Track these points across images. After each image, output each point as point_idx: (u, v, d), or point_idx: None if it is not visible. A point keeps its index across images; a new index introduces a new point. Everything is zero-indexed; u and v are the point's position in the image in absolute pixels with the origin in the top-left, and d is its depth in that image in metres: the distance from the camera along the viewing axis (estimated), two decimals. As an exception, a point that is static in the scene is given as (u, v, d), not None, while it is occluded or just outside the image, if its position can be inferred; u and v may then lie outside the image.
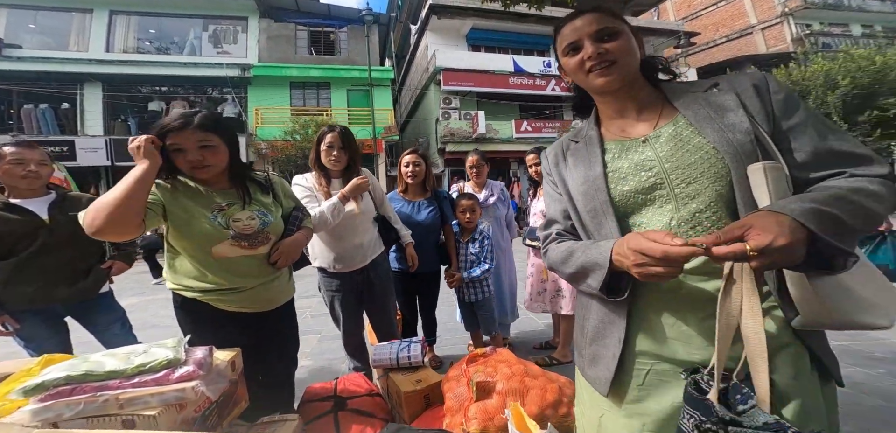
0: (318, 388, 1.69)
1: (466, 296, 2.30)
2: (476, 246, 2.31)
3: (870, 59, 11.27)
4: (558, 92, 15.74)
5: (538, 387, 1.39)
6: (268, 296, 1.39)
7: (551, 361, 2.39)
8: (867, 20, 20.01)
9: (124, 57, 12.36)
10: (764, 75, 0.70)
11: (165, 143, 1.17)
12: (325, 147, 1.83)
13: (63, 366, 0.95)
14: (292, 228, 1.45)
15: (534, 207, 2.55)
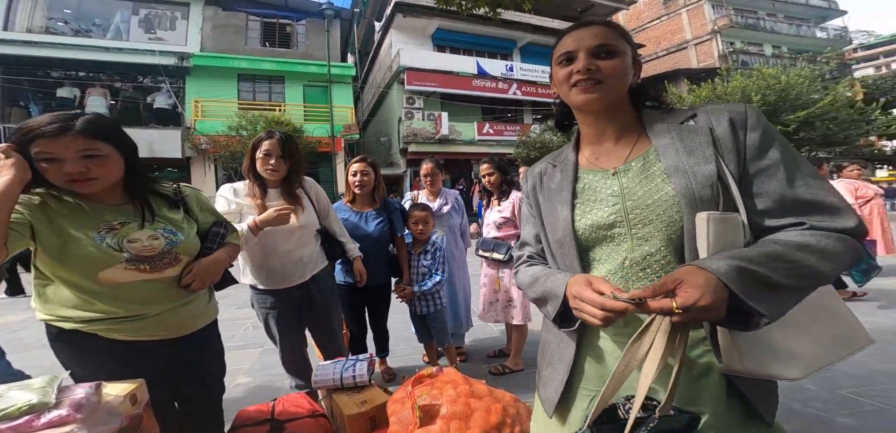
0: (252, 412, 1.57)
1: (418, 309, 2.25)
2: (428, 258, 2.25)
3: (776, 77, 12.72)
4: (520, 96, 16.15)
5: (483, 408, 1.36)
6: (178, 320, 1.21)
7: (504, 370, 2.40)
8: (777, 41, 22.48)
9: (28, 37, 10.92)
10: (744, 109, 0.67)
11: (30, 151, 0.96)
12: (262, 155, 1.67)
13: None
14: (212, 246, 1.29)
15: (487, 218, 2.54)
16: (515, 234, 2.41)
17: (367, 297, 2.26)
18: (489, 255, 2.39)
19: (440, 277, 2.21)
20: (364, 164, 2.19)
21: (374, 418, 1.57)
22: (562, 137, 12.86)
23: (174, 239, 1.16)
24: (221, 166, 11.41)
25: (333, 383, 1.67)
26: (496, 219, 2.42)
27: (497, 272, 2.41)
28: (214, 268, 1.27)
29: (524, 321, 2.36)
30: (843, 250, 0.58)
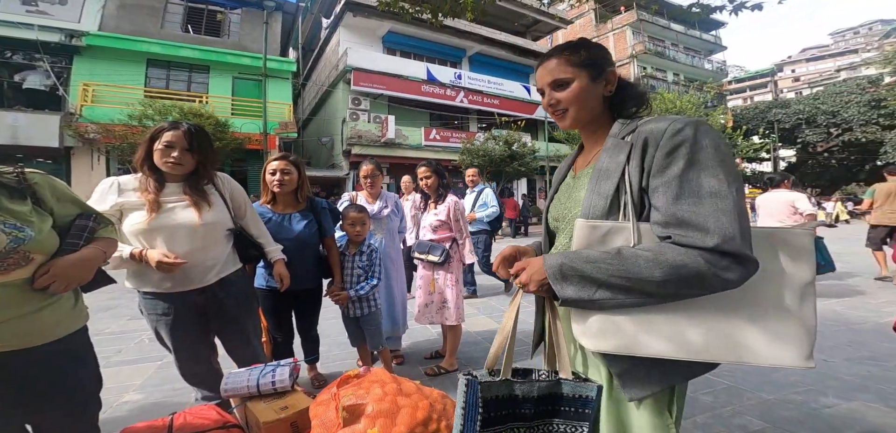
0: (141, 428, 1.36)
1: (351, 312, 2.16)
2: (364, 259, 2.18)
3: (673, 102, 14.71)
4: (466, 104, 16.58)
5: (410, 405, 1.34)
6: (30, 329, 1.02)
7: (439, 370, 2.40)
8: (677, 70, 26.08)
9: None
10: (665, 128, 0.69)
11: None
12: (162, 146, 1.47)
13: None
14: (76, 242, 1.10)
15: (423, 220, 2.54)
16: (450, 237, 2.44)
17: (294, 301, 2.12)
18: (425, 257, 2.39)
19: (377, 281, 2.14)
20: (285, 162, 2.01)
21: (296, 424, 1.46)
22: (503, 148, 13.40)
23: (21, 235, 0.97)
24: (116, 159, 9.96)
25: (248, 391, 1.52)
26: (432, 221, 2.44)
27: (432, 274, 2.41)
28: (82, 266, 1.08)
29: (458, 322, 2.39)
30: (684, 261, 0.63)
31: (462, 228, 2.45)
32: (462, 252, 2.44)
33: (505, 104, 17.22)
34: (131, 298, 1.38)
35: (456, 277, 2.40)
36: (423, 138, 15.06)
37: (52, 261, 1.03)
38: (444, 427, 1.30)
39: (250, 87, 12.54)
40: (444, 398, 1.42)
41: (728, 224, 0.62)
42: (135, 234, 1.46)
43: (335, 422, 1.34)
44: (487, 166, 13.43)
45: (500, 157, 13.35)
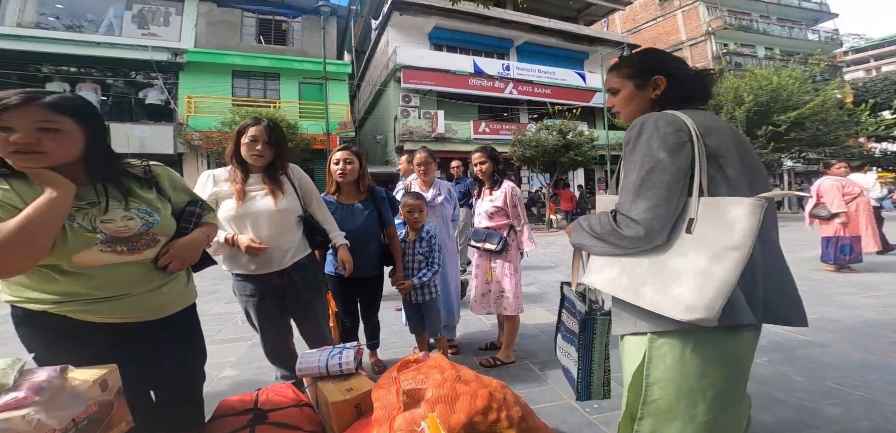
0: (234, 402, 1.52)
1: (413, 298, 2.21)
2: (424, 246, 2.22)
3: (768, 78, 12.83)
4: (516, 95, 16.16)
5: (469, 393, 1.33)
6: (155, 303, 1.17)
7: (495, 362, 2.37)
8: (769, 43, 22.78)
9: (19, 31, 10.86)
10: (635, 125, 0.92)
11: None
12: (248, 140, 1.65)
13: None
14: (187, 226, 1.25)
15: (478, 207, 2.51)
16: (507, 224, 2.38)
17: (358, 289, 2.22)
18: (481, 246, 2.36)
19: (437, 268, 2.18)
20: (347, 153, 2.10)
21: (360, 405, 1.53)
22: (556, 138, 12.81)
23: (150, 219, 1.12)
24: (214, 162, 11.31)
25: (319, 371, 1.62)
26: (488, 208, 2.39)
27: (489, 262, 2.38)
28: (191, 248, 1.23)
29: (516, 312, 2.34)
30: (604, 221, 0.93)
31: (520, 214, 2.37)
32: (520, 239, 2.37)
33: (558, 93, 16.49)
34: (230, 284, 1.57)
35: (514, 266, 2.35)
36: (472, 131, 15.00)
37: (172, 243, 1.18)
38: (505, 418, 1.28)
39: (313, 90, 13.49)
40: (503, 388, 1.40)
41: (627, 198, 0.88)
42: (227, 220, 1.64)
43: (396, 406, 1.38)
44: (540, 157, 12.94)
45: (554, 148, 12.78)
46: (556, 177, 13.93)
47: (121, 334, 1.12)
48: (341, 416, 1.49)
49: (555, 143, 12.74)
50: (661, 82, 0.99)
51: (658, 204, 0.82)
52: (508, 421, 1.28)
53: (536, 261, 6.12)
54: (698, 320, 0.76)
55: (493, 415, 1.29)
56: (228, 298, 4.15)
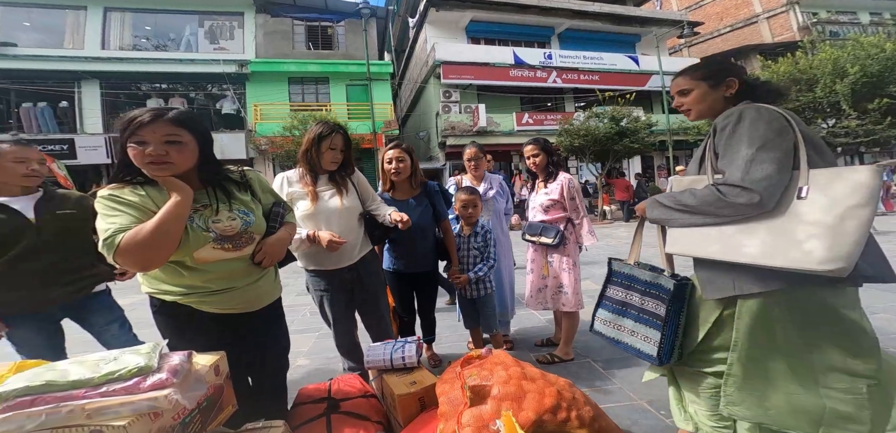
0: (311, 390, 1.64)
1: (468, 294, 2.23)
2: (478, 241, 2.23)
3: (880, 46, 11.05)
4: (560, 84, 15.55)
5: (536, 390, 1.32)
6: (253, 296, 1.32)
7: (552, 359, 2.33)
8: (876, 8, 19.68)
9: (121, 54, 12.33)
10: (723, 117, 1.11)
11: (127, 140, 1.07)
12: (330, 146, 1.76)
13: (24, 375, 0.89)
14: (275, 225, 1.37)
15: (532, 201, 2.46)
16: (564, 217, 2.30)
17: (414, 284, 2.28)
18: (536, 240, 2.31)
19: (493, 262, 2.18)
20: (399, 150, 2.14)
21: (423, 399, 1.58)
22: (608, 125, 12.08)
23: (248, 219, 1.25)
24: (279, 165, 12.14)
25: (384, 364, 1.70)
26: (543, 201, 2.33)
27: (545, 257, 2.33)
28: (280, 245, 1.35)
29: (576, 308, 2.27)
30: (707, 191, 1.06)
31: (578, 207, 2.29)
32: (579, 233, 2.29)
33: (607, 79, 15.61)
34: (297, 278, 1.70)
35: (574, 260, 2.28)
36: (515, 123, 14.69)
37: (264, 240, 1.31)
38: (575, 417, 1.25)
39: (359, 91, 13.99)
40: (571, 387, 1.37)
41: (737, 172, 1.00)
42: (302, 219, 1.77)
43: (461, 401, 1.40)
44: (591, 146, 12.30)
45: (606, 135, 12.06)
46: (608, 166, 13.17)
47: (227, 324, 1.26)
48: (406, 409, 1.54)
49: (607, 131, 12.02)
50: (734, 84, 1.18)
51: (771, 174, 0.96)
52: (579, 420, 1.25)
53: (594, 255, 5.86)
54: (836, 270, 0.86)
55: (562, 414, 1.27)
56: (298, 291, 4.41)
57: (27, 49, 11.50)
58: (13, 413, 0.83)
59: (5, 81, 11.18)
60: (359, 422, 1.50)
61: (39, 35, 12.11)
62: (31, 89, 11.34)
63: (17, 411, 0.83)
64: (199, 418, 1.02)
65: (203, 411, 1.02)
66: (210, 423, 1.07)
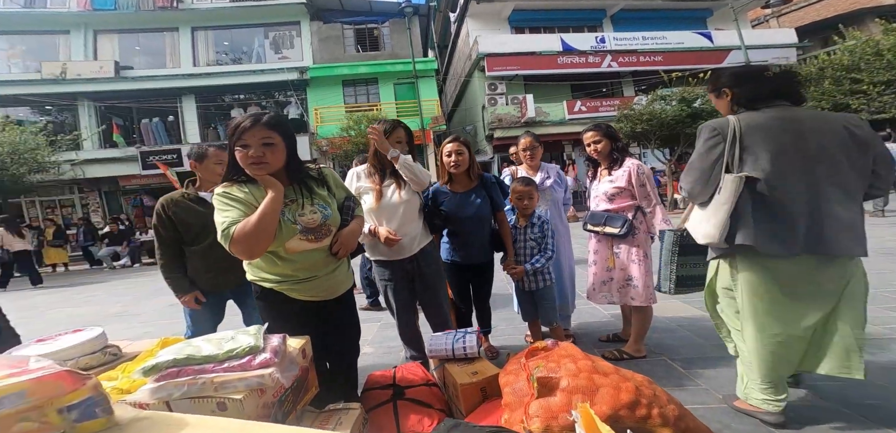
0: (378, 376, 1.72)
1: (527, 285, 2.17)
2: (535, 232, 2.16)
3: None
4: (616, 68, 14.60)
5: (610, 385, 1.24)
6: (331, 284, 1.43)
7: (621, 355, 2.18)
8: None
9: (208, 70, 13.89)
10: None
11: (235, 144, 1.24)
12: (396, 141, 1.90)
13: (171, 349, 1.04)
14: (347, 218, 1.46)
15: (594, 190, 2.32)
16: (632, 206, 2.15)
17: (471, 274, 2.27)
18: (600, 230, 2.18)
19: (551, 253, 2.11)
20: (457, 144, 2.15)
21: (485, 389, 1.57)
22: (677, 107, 11.00)
23: (326, 213, 1.37)
24: (339, 164, 12.83)
25: (446, 353, 1.72)
26: (607, 189, 2.19)
27: (610, 248, 2.19)
28: (352, 237, 1.46)
29: (647, 302, 2.11)
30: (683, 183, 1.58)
31: (650, 194, 2.12)
32: (652, 221, 2.12)
33: (672, 58, 14.35)
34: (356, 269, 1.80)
35: (644, 251, 2.13)
36: (566, 112, 14.04)
37: (339, 232, 1.42)
38: (657, 414, 1.16)
39: (406, 90, 14.32)
40: (651, 383, 1.27)
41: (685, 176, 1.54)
42: (367, 213, 1.86)
43: (527, 392, 1.37)
44: (656, 131, 11.30)
45: (675, 119, 10.95)
46: (679, 150, 12.02)
47: (311, 310, 1.39)
48: (469, 398, 1.55)
49: (676, 114, 10.91)
50: (728, 93, 1.52)
51: (692, 184, 1.49)
52: (662, 418, 1.16)
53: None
54: (711, 242, 1.46)
55: (641, 411, 1.18)
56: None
57: (141, 71, 13.47)
58: (165, 382, 0.97)
59: (128, 100, 13.18)
60: (423, 410, 1.53)
61: (148, 57, 14.03)
62: (146, 107, 13.27)
63: (168, 380, 0.97)
64: (291, 397, 1.11)
65: (294, 391, 1.11)
66: (299, 403, 1.17)
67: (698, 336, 2.39)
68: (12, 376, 0.59)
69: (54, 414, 0.61)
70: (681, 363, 2.08)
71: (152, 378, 0.98)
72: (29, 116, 12.60)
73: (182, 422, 0.68)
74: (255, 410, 0.95)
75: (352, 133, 11.75)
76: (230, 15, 14.06)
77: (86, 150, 12.53)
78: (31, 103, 12.63)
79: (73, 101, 12.90)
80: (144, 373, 0.98)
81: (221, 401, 0.95)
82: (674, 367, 2.06)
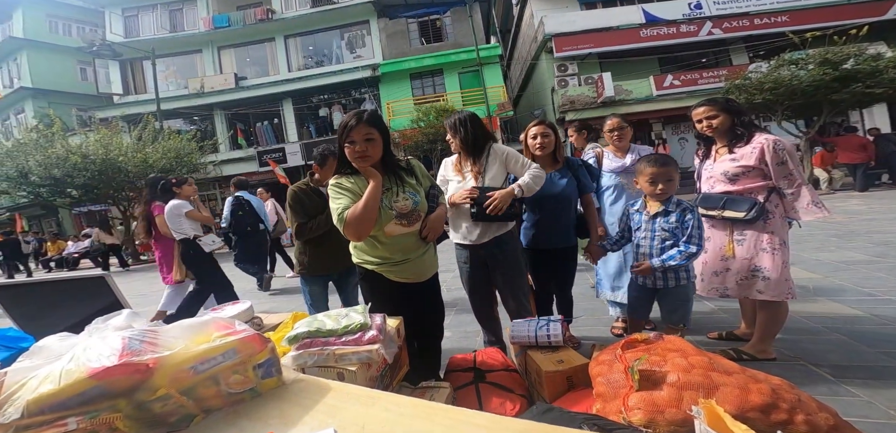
0: (459, 360, 1.75)
1: (651, 282, 1.83)
2: (671, 221, 1.75)
3: None
4: (720, 35, 12.67)
5: (734, 384, 1.07)
6: (421, 267, 1.55)
7: (740, 356, 1.88)
8: None
9: (299, 74, 15.48)
10: None
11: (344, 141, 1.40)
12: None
13: (303, 322, 1.19)
14: (433, 204, 1.57)
15: (706, 170, 2.01)
16: (764, 187, 1.82)
17: (553, 259, 2.17)
18: (716, 214, 1.89)
19: (696, 248, 1.69)
20: (543, 126, 2.14)
21: (572, 377, 1.50)
22: (815, 70, 8.87)
23: (416, 199, 1.49)
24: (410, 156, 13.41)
25: (528, 340, 1.67)
26: (728, 169, 1.88)
27: (730, 235, 1.89)
28: (439, 222, 1.55)
29: (780, 297, 1.78)
30: None
31: (792, 172, 1.78)
32: (793, 205, 1.78)
33: (803, 17, 12.03)
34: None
35: (781, 239, 1.80)
36: (653, 88, 12.63)
37: (427, 218, 1.53)
38: (802, 421, 0.96)
39: (471, 78, 14.32)
40: (794, 388, 1.06)
41: None
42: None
43: (624, 384, 1.24)
44: (784, 100, 9.40)
45: (813, 84, 8.94)
46: (821, 121, 9.80)
47: (404, 292, 1.51)
48: (553, 386, 1.48)
49: (814, 79, 8.92)
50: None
51: None
52: (810, 426, 0.97)
53: (808, 233, 4.46)
54: None
55: (780, 415, 1.00)
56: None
57: (253, 80, 15.59)
58: (302, 351, 1.10)
59: (245, 107, 15.41)
60: (504, 394, 1.51)
61: (256, 67, 16.16)
62: (258, 111, 15.37)
63: (304, 350, 1.11)
64: (389, 373, 1.19)
65: (391, 367, 1.19)
66: (394, 379, 1.25)
67: (858, 340, 1.98)
68: (228, 336, 0.73)
69: (251, 370, 0.73)
70: (829, 370, 1.73)
71: (294, 347, 1.12)
72: (182, 126, 15.36)
73: (326, 386, 0.76)
74: (364, 382, 1.02)
75: (421, 124, 12.07)
76: (312, 20, 15.40)
77: (221, 153, 14.99)
78: (183, 115, 15.51)
79: (209, 111, 15.53)
80: (289, 341, 1.12)
81: (341, 371, 1.05)
82: (819, 374, 1.72)
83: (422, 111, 12.35)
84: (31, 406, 0.56)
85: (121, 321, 0.71)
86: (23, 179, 10.57)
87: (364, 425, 0.64)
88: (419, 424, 0.65)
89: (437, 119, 11.71)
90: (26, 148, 10.42)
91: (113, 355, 0.61)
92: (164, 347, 0.66)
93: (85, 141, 10.82)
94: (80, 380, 0.58)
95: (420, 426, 0.64)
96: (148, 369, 0.62)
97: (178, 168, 11.57)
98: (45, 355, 0.63)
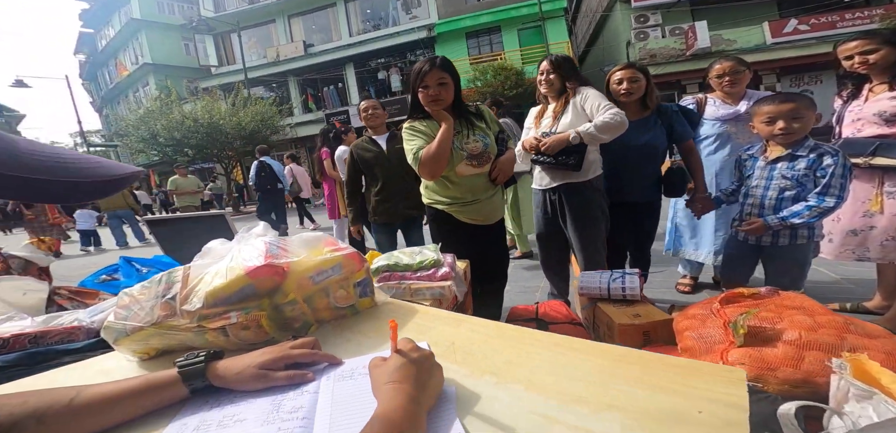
0: (521, 310, 1.71)
1: (756, 238, 1.51)
2: (798, 168, 1.40)
3: None
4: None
5: (880, 349, 0.87)
6: (490, 209, 1.58)
7: (874, 331, 1.56)
8: None
9: (359, 38, 15.85)
10: None
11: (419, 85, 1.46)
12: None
13: (381, 258, 1.26)
14: (502, 149, 1.59)
15: (852, 112, 1.67)
16: None
17: (633, 212, 1.97)
18: (865, 162, 1.53)
19: (836, 201, 1.32)
20: (631, 70, 1.87)
21: (649, 333, 1.36)
22: None
23: (486, 141, 1.52)
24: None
25: (600, 292, 1.54)
26: (887, 108, 1.52)
27: (879, 186, 1.56)
28: (509, 165, 1.57)
29: None
30: None
31: None
32: None
33: None
34: None
35: None
36: (767, 35, 10.68)
37: (497, 160, 1.55)
38: None
39: (531, 34, 13.42)
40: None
41: None
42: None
43: (722, 340, 1.08)
44: None
45: None
46: None
47: (472, 233, 1.56)
48: (628, 340, 1.35)
49: None
50: None
51: None
52: None
53: None
54: None
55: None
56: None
57: (319, 46, 16.30)
58: (384, 283, 1.16)
59: (314, 73, 16.35)
60: (569, 345, 1.42)
61: (321, 34, 16.82)
62: (325, 76, 16.23)
63: (384, 282, 1.16)
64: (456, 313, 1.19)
65: (459, 307, 1.20)
66: None
67: None
68: (336, 251, 0.77)
69: (352, 287, 0.78)
70: None
71: (375, 279, 1.17)
72: (264, 93, 16.86)
73: (414, 309, 0.82)
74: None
75: (478, 83, 11.81)
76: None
77: (295, 117, 16.33)
78: (264, 82, 16.97)
79: (284, 78, 16.82)
80: (372, 272, 1.17)
81: (414, 304, 1.05)
82: None
83: (478, 69, 12.03)
84: (208, 298, 0.64)
85: (260, 229, 0.79)
86: (153, 141, 13.26)
87: (453, 341, 0.66)
88: (507, 345, 0.64)
89: (494, 78, 11.32)
90: (153, 114, 13.12)
91: (260, 256, 0.68)
92: (293, 254, 0.72)
93: (194, 108, 13.14)
94: (240, 277, 0.65)
95: (508, 346, 0.63)
96: (284, 272, 0.69)
97: (263, 130, 13.07)
98: (212, 256, 0.73)
